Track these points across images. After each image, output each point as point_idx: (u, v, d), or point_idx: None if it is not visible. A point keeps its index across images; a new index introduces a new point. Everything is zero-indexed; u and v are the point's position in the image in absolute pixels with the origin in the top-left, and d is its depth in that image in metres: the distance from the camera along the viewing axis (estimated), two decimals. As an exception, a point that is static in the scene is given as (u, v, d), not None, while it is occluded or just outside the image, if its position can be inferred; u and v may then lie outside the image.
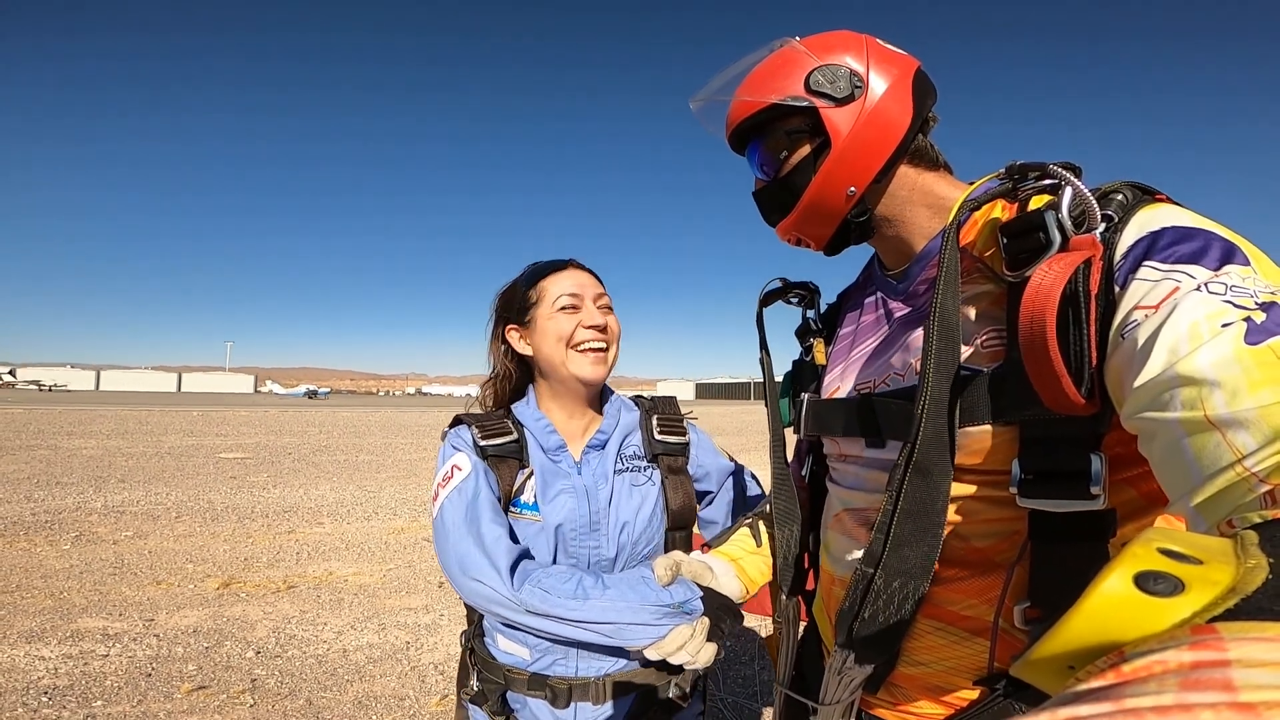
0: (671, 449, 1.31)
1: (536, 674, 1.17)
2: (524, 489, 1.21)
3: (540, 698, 1.17)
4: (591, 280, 1.28)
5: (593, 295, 1.25)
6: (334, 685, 3.25)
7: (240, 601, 4.42)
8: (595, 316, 1.23)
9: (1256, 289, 0.54)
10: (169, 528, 6.49)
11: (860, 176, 0.81)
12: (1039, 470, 0.67)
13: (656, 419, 1.33)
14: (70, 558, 5.30)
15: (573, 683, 1.16)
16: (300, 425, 22.79)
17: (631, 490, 1.25)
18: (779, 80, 0.83)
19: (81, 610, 4.12)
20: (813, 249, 0.93)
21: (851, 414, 0.88)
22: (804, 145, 0.83)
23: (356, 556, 5.69)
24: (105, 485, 8.76)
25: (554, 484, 1.22)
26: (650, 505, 1.25)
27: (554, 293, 1.23)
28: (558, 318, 1.22)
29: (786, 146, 0.85)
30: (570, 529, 1.18)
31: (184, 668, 3.36)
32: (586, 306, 1.24)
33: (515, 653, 1.19)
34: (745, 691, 3.20)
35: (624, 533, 1.21)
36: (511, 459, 1.22)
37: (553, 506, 1.19)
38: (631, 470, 1.27)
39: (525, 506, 1.19)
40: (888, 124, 0.80)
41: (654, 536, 1.25)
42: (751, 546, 1.12)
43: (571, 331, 1.21)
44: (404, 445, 16.15)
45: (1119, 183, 0.69)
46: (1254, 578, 0.29)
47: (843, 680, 0.82)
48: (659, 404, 1.39)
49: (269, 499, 8.24)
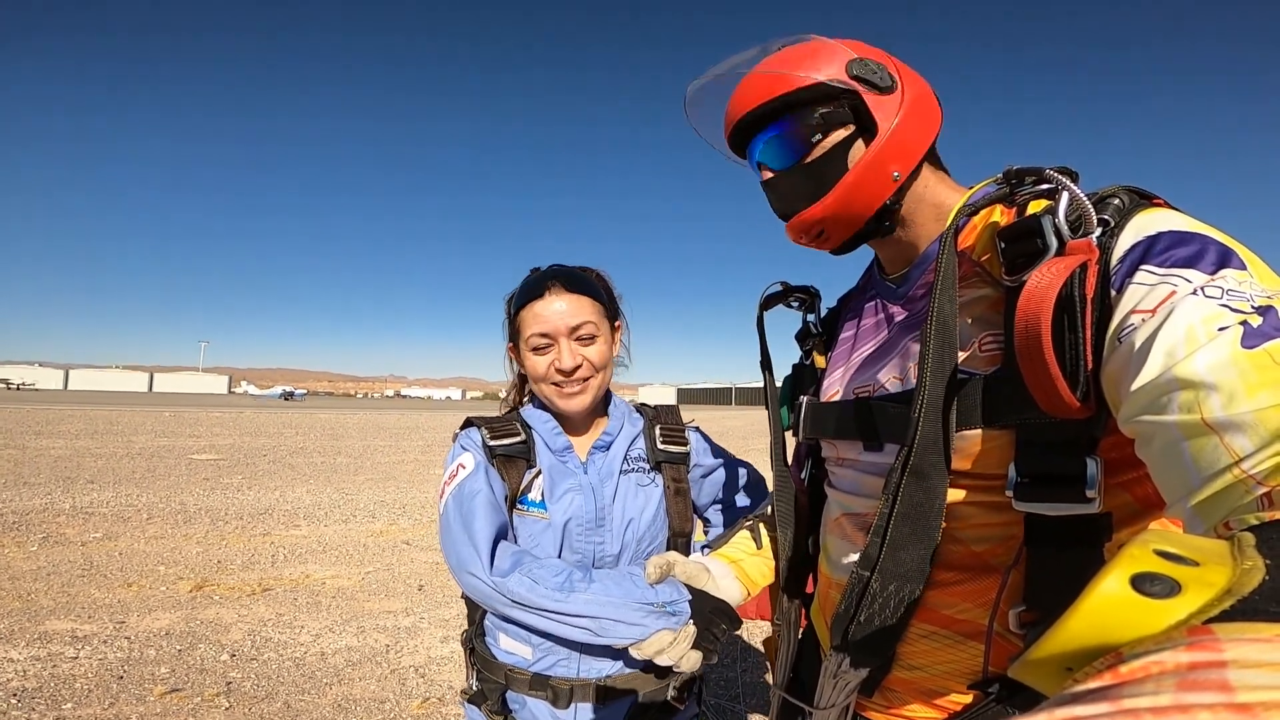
0: (673, 457, 1.32)
1: (538, 674, 1.18)
2: (531, 487, 1.22)
3: (541, 698, 1.17)
4: (571, 307, 1.20)
5: (567, 329, 1.19)
6: (312, 688, 3.20)
7: (214, 604, 4.34)
8: (566, 359, 1.19)
9: (1253, 293, 0.54)
10: (140, 529, 6.35)
11: (905, 163, 0.81)
12: (1035, 474, 0.68)
13: (659, 428, 1.35)
14: (38, 559, 5.16)
15: (574, 684, 1.16)
16: (276, 427, 22.43)
17: (638, 489, 1.26)
18: (818, 63, 0.81)
19: (50, 612, 4.02)
20: (828, 245, 0.90)
21: (849, 417, 0.88)
22: (839, 130, 0.81)
23: (334, 559, 5.61)
24: (74, 486, 8.54)
25: (562, 483, 1.23)
26: (654, 505, 1.27)
27: (528, 329, 1.21)
28: (531, 357, 1.22)
29: (821, 129, 0.82)
30: (576, 525, 1.20)
31: (156, 670, 3.29)
32: (560, 345, 1.20)
33: (518, 652, 1.19)
34: (728, 694, 3.21)
35: (629, 529, 1.23)
36: (519, 459, 1.23)
37: (560, 504, 1.21)
38: (637, 471, 1.28)
39: (532, 504, 1.21)
40: (926, 116, 0.82)
41: (657, 535, 1.27)
42: (752, 549, 1.12)
43: (544, 373, 1.22)
44: (382, 448, 15.96)
45: (1116, 187, 0.70)
46: (1250, 579, 0.29)
47: (838, 684, 0.82)
48: (661, 413, 1.40)
49: (243, 501, 8.10)
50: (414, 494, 9.20)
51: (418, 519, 7.49)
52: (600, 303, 1.26)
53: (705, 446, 1.40)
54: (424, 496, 9.00)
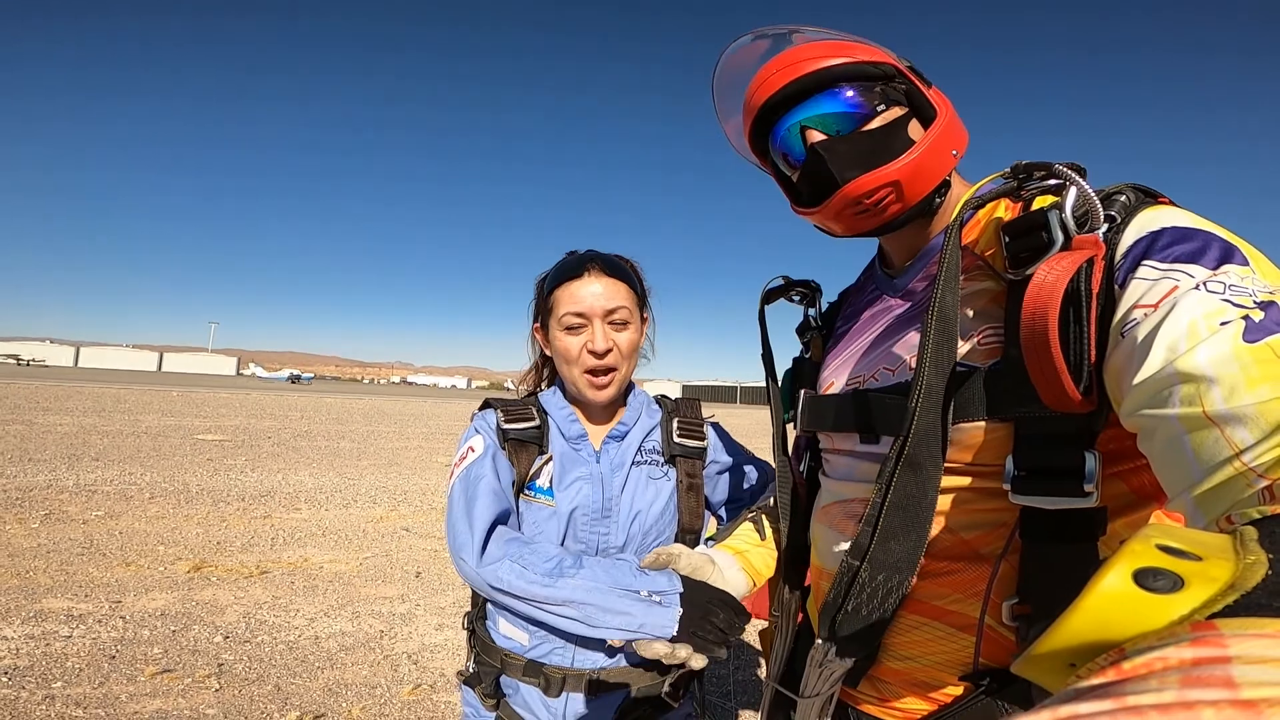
0: (689, 452, 1.31)
1: (533, 661, 1.19)
2: (540, 474, 1.22)
3: (533, 684, 1.18)
4: (608, 290, 1.20)
5: (603, 311, 1.19)
6: (303, 672, 3.20)
7: (211, 585, 4.35)
8: (599, 340, 1.19)
9: (1255, 288, 0.54)
10: (141, 508, 6.39)
11: (960, 145, 0.84)
12: (1033, 467, 0.68)
13: (677, 421, 1.33)
14: (39, 536, 5.19)
15: (567, 673, 1.17)
16: (282, 409, 22.58)
17: (648, 482, 1.26)
18: (870, 49, 0.84)
19: (47, 590, 4.03)
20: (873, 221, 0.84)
21: (846, 409, 0.88)
22: (897, 108, 0.83)
23: (333, 544, 5.63)
24: (79, 463, 8.60)
25: (572, 471, 1.23)
26: (665, 499, 1.26)
27: (562, 308, 1.20)
28: (563, 338, 1.21)
29: (884, 101, 0.83)
30: (582, 514, 1.20)
31: (149, 651, 3.30)
32: (593, 327, 1.19)
33: (515, 638, 1.21)
34: (720, 691, 3.19)
35: (635, 522, 1.22)
36: (532, 444, 1.24)
37: (568, 493, 1.21)
38: (650, 464, 1.28)
39: (540, 491, 1.21)
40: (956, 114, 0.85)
41: (665, 529, 1.26)
42: (756, 540, 1.11)
43: (576, 354, 1.20)
44: (387, 434, 16.04)
45: (1122, 185, 0.70)
46: (1253, 574, 0.29)
47: (823, 673, 0.82)
48: (681, 406, 1.39)
49: (246, 483, 8.14)
50: (416, 481, 9.23)
51: (418, 506, 7.51)
52: (635, 291, 1.26)
53: (723, 443, 1.39)
54: (426, 484, 9.03)
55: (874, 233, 0.88)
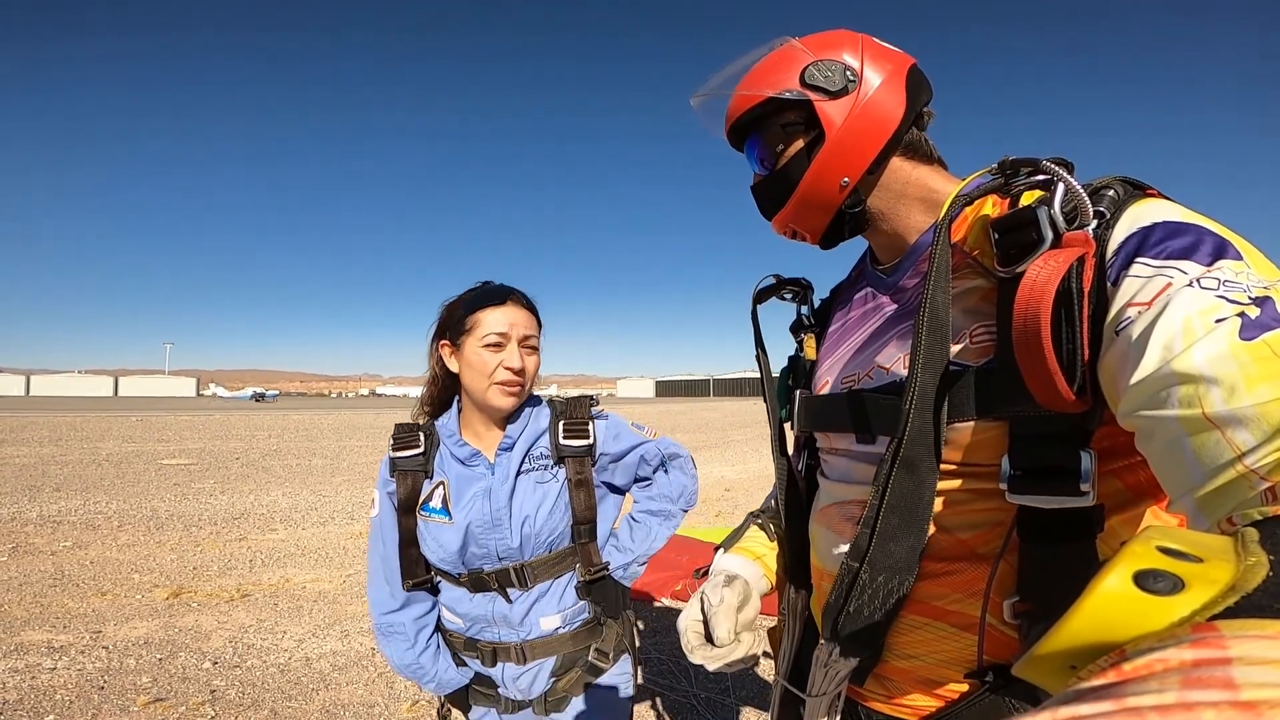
0: (574, 451, 1.43)
1: (470, 638, 1.43)
2: (432, 496, 1.40)
3: (473, 658, 1.43)
4: (525, 319, 1.38)
5: (520, 335, 1.36)
6: (298, 695, 3.20)
7: (192, 611, 4.29)
8: (515, 359, 1.35)
9: (1249, 284, 0.53)
10: (110, 537, 6.24)
11: (854, 167, 0.82)
12: (1029, 467, 0.67)
13: (563, 424, 1.45)
14: (8, 569, 5.06)
15: (497, 646, 1.40)
16: (248, 429, 22.02)
17: (535, 487, 1.40)
18: (776, 75, 0.84)
19: (23, 623, 3.95)
20: (809, 242, 0.93)
21: (841, 409, 0.88)
22: (799, 139, 0.84)
23: (313, 563, 5.57)
24: (40, 494, 8.34)
25: (468, 490, 1.39)
26: (552, 501, 1.39)
27: (484, 329, 1.34)
28: (482, 353, 1.34)
29: (783, 140, 0.85)
30: (476, 526, 1.35)
31: (138, 680, 3.26)
32: (510, 347, 1.35)
33: (454, 622, 1.44)
34: (718, 687, 3.25)
35: (526, 525, 1.36)
36: (419, 471, 1.42)
37: (463, 509, 1.37)
38: (537, 470, 1.41)
39: (433, 511, 1.38)
40: (880, 116, 0.81)
41: (557, 527, 1.39)
42: (766, 541, 1.10)
43: (492, 370, 1.34)
44: (359, 448, 15.78)
45: (1110, 178, 0.69)
46: (1254, 575, 0.29)
47: (828, 673, 0.83)
48: (570, 407, 1.50)
49: (217, 506, 7.98)
50: (393, 496, 9.10)
51: (397, 521, 7.41)
52: (539, 324, 1.45)
53: (612, 434, 1.50)
54: (403, 498, 8.91)
55: (823, 247, 0.94)
